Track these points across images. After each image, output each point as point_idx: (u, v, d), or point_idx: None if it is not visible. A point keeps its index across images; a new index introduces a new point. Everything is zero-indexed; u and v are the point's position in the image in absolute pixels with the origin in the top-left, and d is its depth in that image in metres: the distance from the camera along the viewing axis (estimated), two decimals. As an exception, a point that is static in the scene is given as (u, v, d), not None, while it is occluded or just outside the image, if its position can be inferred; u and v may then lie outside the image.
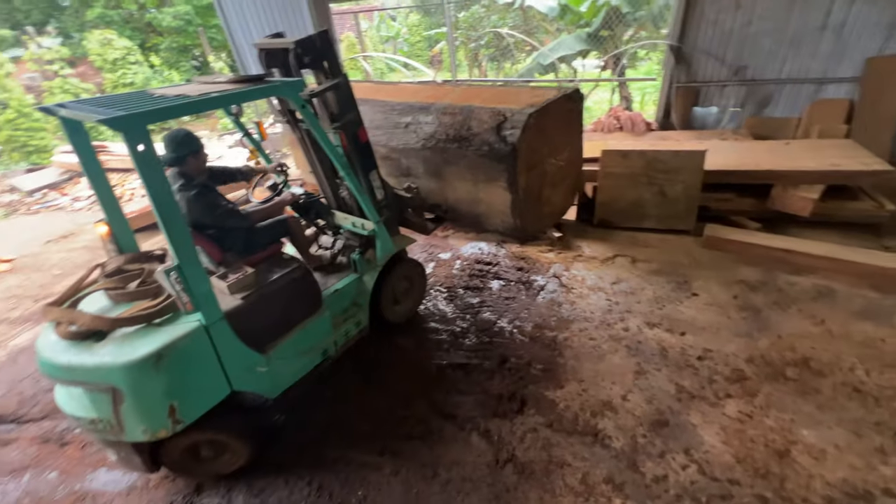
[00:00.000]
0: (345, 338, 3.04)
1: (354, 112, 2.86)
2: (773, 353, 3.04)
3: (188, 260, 2.06)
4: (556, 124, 3.16)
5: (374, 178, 3.06)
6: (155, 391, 2.08)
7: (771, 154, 4.56)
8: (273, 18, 7.10)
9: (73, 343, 2.10)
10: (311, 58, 2.69)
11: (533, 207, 3.20)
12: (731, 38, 5.51)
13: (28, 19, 15.17)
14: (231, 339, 2.30)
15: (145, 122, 1.89)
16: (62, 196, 7.43)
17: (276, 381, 2.62)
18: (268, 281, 2.55)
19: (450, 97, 3.47)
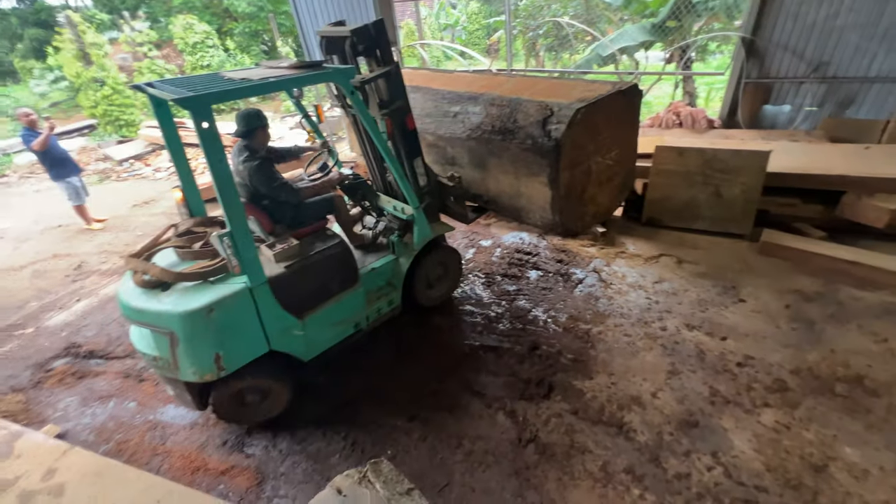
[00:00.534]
0: (377, 314, 3.20)
1: (403, 100, 2.96)
2: (823, 367, 2.89)
3: (239, 227, 2.30)
4: (608, 121, 3.04)
5: (418, 164, 3.16)
6: (204, 339, 2.36)
7: (846, 158, 4.22)
8: (339, 5, 7.40)
9: (145, 290, 2.43)
10: (365, 46, 2.81)
11: (574, 206, 3.13)
12: (813, 32, 5.08)
13: (123, 4, 16.71)
14: (272, 302, 2.53)
15: (209, 103, 2.13)
16: (146, 166, 8.26)
17: (310, 346, 2.83)
18: (310, 253, 2.74)
19: (501, 88, 3.42)
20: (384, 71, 2.83)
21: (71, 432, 2.97)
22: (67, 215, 6.51)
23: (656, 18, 7.40)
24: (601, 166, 3.20)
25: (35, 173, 8.66)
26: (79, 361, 3.62)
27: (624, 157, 3.34)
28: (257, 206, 2.81)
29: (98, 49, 9.91)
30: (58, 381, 3.43)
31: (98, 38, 10.10)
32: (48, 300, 4.50)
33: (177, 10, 14.70)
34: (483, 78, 4.05)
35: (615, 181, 3.36)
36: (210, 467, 2.65)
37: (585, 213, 3.28)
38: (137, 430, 2.95)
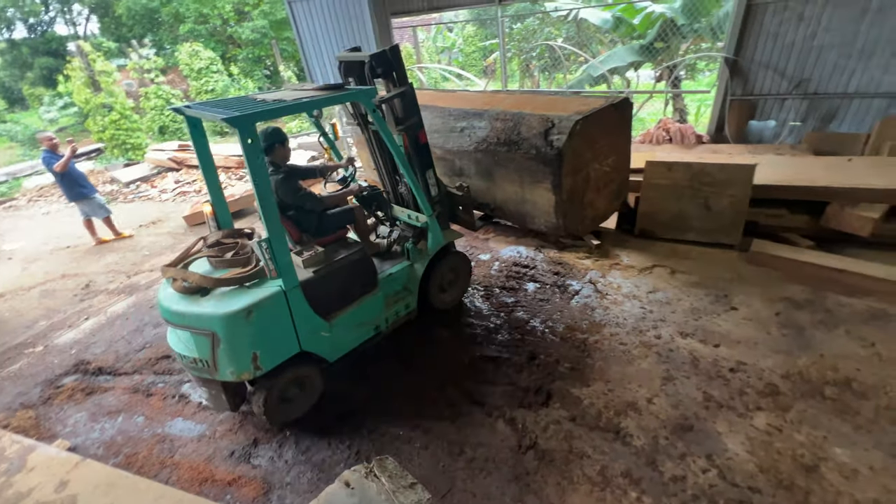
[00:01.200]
0: (395, 316, 3.39)
1: (417, 116, 3.22)
2: (813, 371, 2.98)
3: (276, 235, 2.51)
4: (603, 132, 3.28)
5: (429, 175, 3.40)
6: (243, 339, 2.53)
7: (829, 170, 4.38)
8: (340, 31, 7.72)
9: (185, 296, 2.61)
10: (383, 69, 3.09)
11: (576, 209, 3.36)
12: (793, 51, 5.32)
13: (131, 33, 17.29)
14: (303, 304, 2.72)
15: (254, 121, 2.36)
16: (152, 188, 8.46)
17: (336, 347, 3.02)
18: (334, 259, 2.96)
19: (504, 104, 3.68)
20: (400, 91, 3.09)
21: (81, 447, 3.03)
22: (76, 236, 6.67)
23: (644, 40, 7.71)
24: (599, 173, 3.43)
25: (44, 196, 8.86)
26: (87, 378, 3.70)
27: (619, 164, 3.57)
28: (284, 216, 3.01)
29: (107, 76, 10.26)
30: (67, 398, 3.50)
31: (107, 66, 10.46)
32: (57, 319, 4.60)
33: (183, 38, 15.21)
34: (486, 95, 4.32)
35: (611, 186, 3.60)
36: (217, 478, 2.71)
37: (585, 216, 3.51)
38: (146, 444, 3.02)
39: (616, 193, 3.68)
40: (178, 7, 15.71)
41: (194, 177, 8.75)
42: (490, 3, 7.22)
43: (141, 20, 17.22)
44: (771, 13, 5.30)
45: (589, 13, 8.23)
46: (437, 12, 8.03)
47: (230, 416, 3.15)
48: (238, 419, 3.11)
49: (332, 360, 3.05)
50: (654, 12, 7.31)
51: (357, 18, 7.47)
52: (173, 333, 2.81)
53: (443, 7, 7.80)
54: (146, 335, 4.15)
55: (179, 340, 2.73)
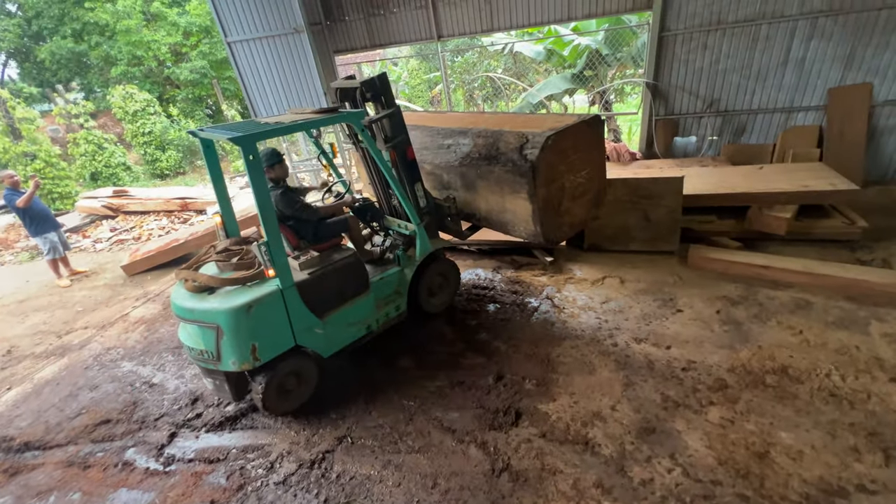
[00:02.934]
0: (385, 318, 3.63)
1: (404, 135, 3.55)
2: (754, 362, 3.21)
3: (274, 239, 2.83)
4: (576, 146, 3.52)
5: (418, 188, 3.73)
6: (244, 332, 2.84)
7: (746, 178, 4.87)
8: (283, 69, 7.74)
9: (195, 294, 2.96)
10: (372, 94, 3.44)
11: (553, 216, 3.56)
12: (702, 75, 5.97)
13: (55, 77, 16.35)
14: (298, 302, 3.02)
15: (256, 140, 2.73)
16: (84, 238, 7.86)
17: (329, 343, 3.29)
18: (328, 263, 3.27)
19: (486, 123, 4.00)
20: (388, 112, 3.43)
21: (4, 538, 2.66)
22: (-7, 298, 6.04)
23: (575, 69, 8.34)
24: (573, 183, 3.64)
25: None
26: (11, 456, 3.28)
27: (593, 175, 3.79)
28: (284, 225, 3.35)
29: (29, 123, 9.60)
30: (-14, 482, 3.08)
31: (29, 112, 9.81)
32: (-28, 392, 4.08)
33: (115, 81, 14.59)
34: (471, 115, 4.78)
35: (587, 196, 3.83)
36: (170, 551, 2.47)
37: (563, 223, 3.69)
38: (84, 524, 2.70)
39: (594, 201, 3.93)
40: (110, 50, 15.12)
41: (132, 223, 8.25)
42: (429, 40, 7.57)
43: (67, 64, 16.35)
44: (680, 42, 5.94)
45: (523, 46, 8.82)
46: (379, 48, 8.28)
47: (183, 478, 2.90)
48: (192, 482, 2.87)
49: (326, 356, 3.28)
50: (581, 45, 7.96)
51: (299, 57, 7.54)
52: (183, 329, 3.09)
53: (385, 43, 8.06)
54: (81, 400, 3.77)
55: (189, 335, 3.02)
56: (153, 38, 14.90)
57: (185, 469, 2.97)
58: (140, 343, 4.48)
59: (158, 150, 12.96)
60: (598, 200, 3.94)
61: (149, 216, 8.37)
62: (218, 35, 14.62)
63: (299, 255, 3.31)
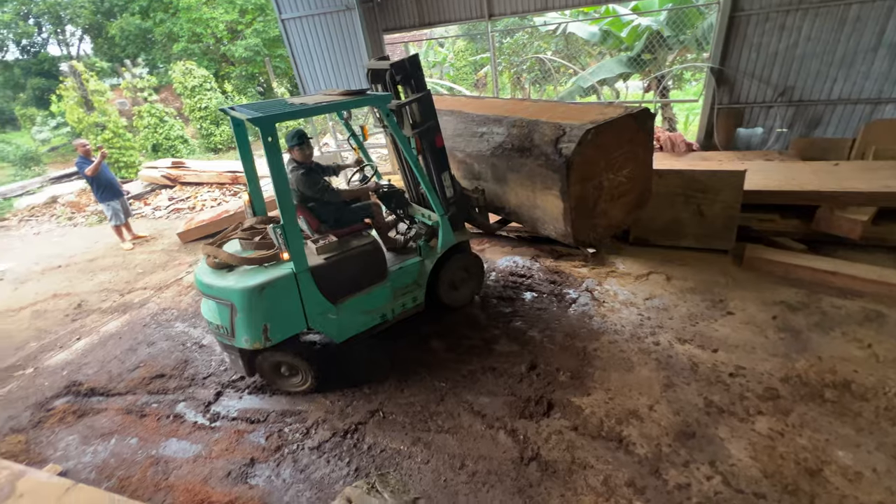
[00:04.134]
0: (402, 308, 3.57)
1: (434, 121, 3.38)
2: (812, 374, 2.99)
3: (290, 222, 2.82)
4: (619, 141, 3.26)
5: (445, 178, 3.56)
6: (256, 312, 2.88)
7: (817, 175, 4.46)
8: (333, 47, 7.82)
9: (215, 271, 3.02)
10: (402, 77, 3.28)
11: (586, 217, 3.34)
12: (776, 60, 5.46)
13: (123, 52, 17.39)
14: (312, 287, 3.02)
15: (274, 122, 2.68)
16: (145, 206, 8.42)
17: (342, 329, 3.29)
18: (346, 249, 3.23)
19: (524, 112, 3.75)
20: (417, 96, 3.28)
21: (72, 471, 2.95)
22: (67, 255, 6.61)
23: (632, 52, 7.88)
24: (613, 182, 3.40)
25: (35, 216, 8.78)
26: (79, 400, 3.63)
27: (637, 174, 3.51)
28: (305, 207, 3.32)
29: (100, 95, 10.28)
30: (58, 421, 3.42)
31: (100, 86, 10.49)
32: (48, 340, 4.52)
33: (176, 57, 15.32)
34: (510, 102, 4.37)
35: (628, 197, 3.55)
36: (214, 500, 2.65)
37: (597, 224, 3.47)
38: (139, 466, 2.94)
39: (636, 203, 3.66)
40: (172, 27, 15.85)
41: (188, 193, 8.73)
42: (480, 19, 7.37)
43: (134, 40, 17.33)
44: (753, 24, 5.45)
45: (577, 27, 8.41)
46: (428, 28, 8.16)
47: (226, 435, 3.09)
48: (234, 438, 3.05)
49: (339, 342, 3.29)
50: (641, 25, 7.49)
51: (350, 35, 7.57)
52: (205, 303, 3.16)
53: (434, 23, 7.93)
54: (140, 354, 4.08)
55: (209, 309, 3.09)
56: (212, 15, 15.46)
57: (229, 426, 3.16)
58: (192, 306, 4.77)
59: (213, 125, 13.56)
60: (640, 202, 3.65)
61: (203, 187, 8.83)
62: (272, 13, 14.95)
63: (318, 239, 3.23)
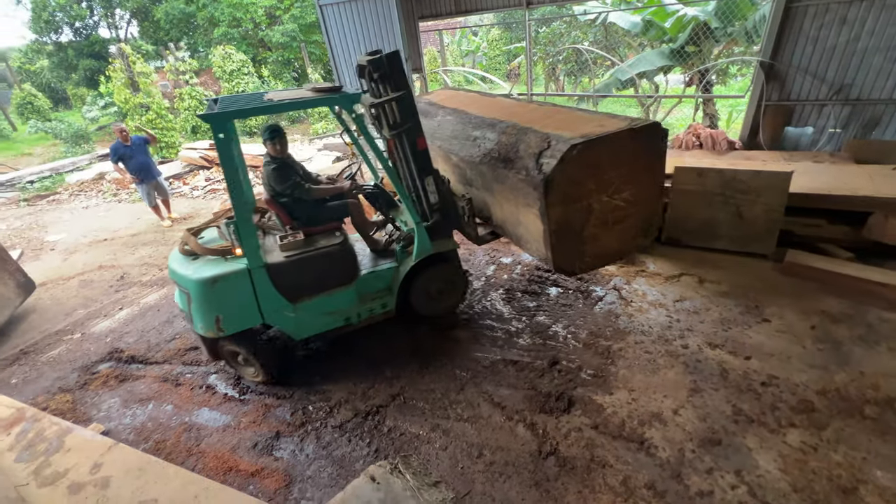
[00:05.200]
0: (369, 313, 3.43)
1: (414, 122, 3.11)
2: (852, 388, 2.84)
3: (243, 219, 2.81)
4: (616, 160, 2.76)
5: (429, 183, 3.29)
6: (209, 303, 2.93)
7: (872, 179, 4.19)
8: (368, 34, 7.84)
9: (183, 257, 3.09)
10: (380, 74, 3.02)
11: (570, 243, 2.88)
12: (834, 55, 5.12)
13: (168, 36, 17.98)
14: (267, 284, 2.99)
15: (227, 119, 2.65)
16: (184, 185, 8.76)
17: (301, 328, 3.24)
18: (311, 248, 3.13)
19: (521, 117, 3.36)
20: (394, 96, 3.02)
21: (113, 431, 3.16)
22: (112, 229, 6.98)
23: (675, 44, 7.55)
24: (607, 206, 2.90)
25: (84, 191, 9.29)
26: (121, 366, 3.85)
27: (640, 198, 2.95)
28: (277, 203, 3.26)
29: (145, 77, 10.69)
30: (102, 384, 3.65)
31: (145, 68, 10.90)
32: (94, 308, 4.81)
33: (216, 41, 15.73)
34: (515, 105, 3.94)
35: (628, 223, 3.02)
36: (241, 468, 2.78)
37: (584, 251, 2.98)
38: (174, 431, 3.11)
39: (639, 232, 3.14)
40: (213, 11, 16.26)
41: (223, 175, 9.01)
42: (517, 7, 7.22)
43: (178, 24, 17.89)
44: (811, 16, 5.11)
45: (617, 17, 8.11)
46: (463, 15, 8.06)
47: (254, 408, 3.22)
48: (262, 412, 3.18)
49: (298, 339, 3.28)
50: (687, 15, 7.15)
51: (386, 22, 7.57)
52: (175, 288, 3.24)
53: (470, 10, 7.83)
54: (176, 326, 4.29)
55: (178, 294, 3.19)
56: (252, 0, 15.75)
57: (257, 400, 3.29)
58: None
59: (249, 109, 13.89)
60: (646, 231, 3.11)
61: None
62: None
63: (286, 235, 3.16)
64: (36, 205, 8.80)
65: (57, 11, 17.44)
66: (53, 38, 18.30)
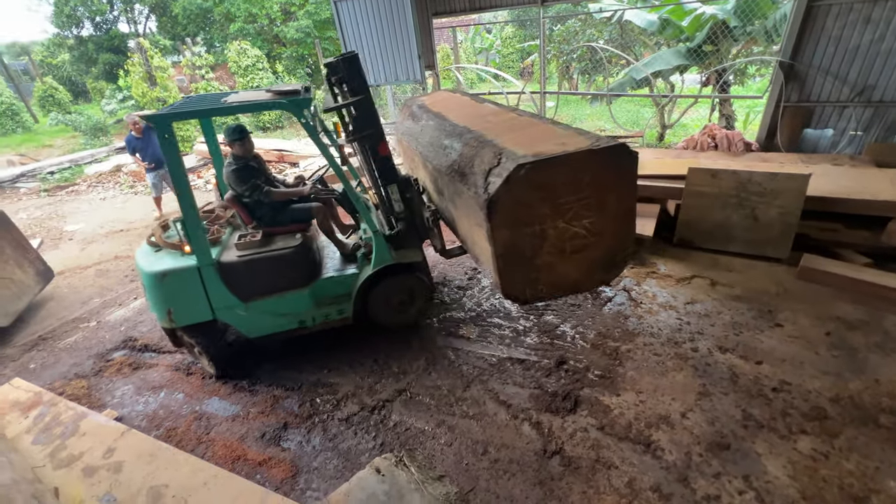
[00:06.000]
0: (324, 318, 3.40)
1: (375, 128, 3.04)
2: (866, 396, 2.79)
3: (190, 217, 2.88)
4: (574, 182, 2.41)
5: (393, 190, 3.22)
6: (160, 295, 3.05)
7: (894, 184, 4.08)
8: (383, 31, 7.85)
9: (148, 247, 3.22)
10: (338, 78, 2.97)
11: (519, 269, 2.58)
12: (857, 55, 4.99)
13: (185, 31, 18.22)
14: (216, 281, 3.05)
15: (170, 121, 2.71)
16: (198, 178, 8.88)
17: (253, 327, 3.27)
18: (266, 249, 3.15)
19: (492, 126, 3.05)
20: (350, 101, 2.94)
21: (126, 417, 3.23)
22: (128, 220, 7.11)
23: (692, 43, 7.43)
24: (565, 233, 2.55)
25: (102, 183, 9.48)
26: (134, 354, 3.94)
27: (605, 229, 2.58)
28: (239, 203, 3.31)
29: (163, 72, 10.86)
30: (116, 371, 3.74)
31: (163, 62, 11.08)
32: (109, 297, 4.91)
33: (232, 37, 15.88)
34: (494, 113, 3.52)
35: (589, 254, 2.64)
36: (249, 458, 2.82)
37: (538, 280, 2.64)
38: (184, 419, 3.18)
39: (606, 264, 2.70)
40: (230, 7, 16.41)
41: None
42: (532, 4, 7.16)
43: (195, 19, 18.10)
44: (834, 15, 4.99)
45: (634, 15, 8.00)
46: (478, 12, 8.04)
47: (263, 398, 3.27)
48: (270, 403, 3.23)
49: (251, 337, 3.30)
50: (705, 14, 7.02)
51: (400, 18, 7.57)
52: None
53: (485, 7, 7.79)
54: (188, 317, 4.36)
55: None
56: (267, -4, 15.87)
57: (266, 391, 3.34)
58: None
59: (263, 104, 14.02)
60: (609, 264, 2.69)
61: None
62: (324, -5, 15.17)
63: (245, 235, 3.20)
64: (55, 195, 9.01)
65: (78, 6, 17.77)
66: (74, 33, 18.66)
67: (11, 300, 4.49)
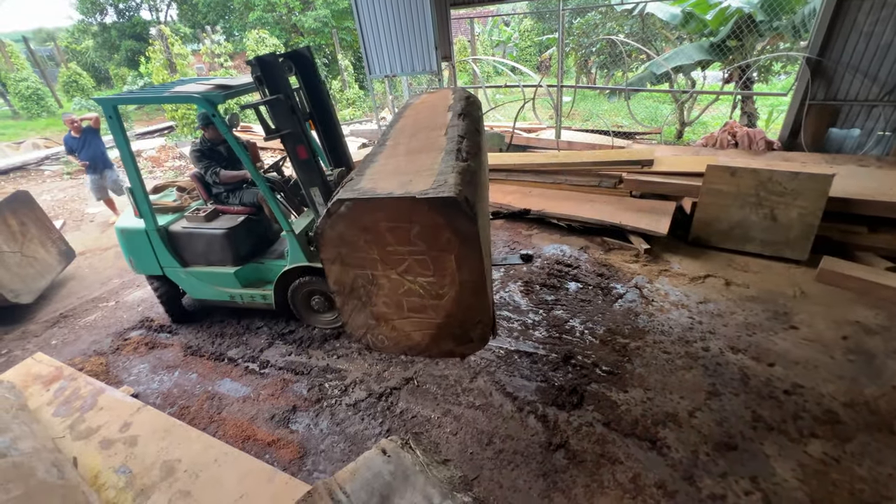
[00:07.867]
0: (251, 299, 3.77)
1: (295, 128, 2.94)
2: (882, 403, 2.72)
3: (137, 187, 3.41)
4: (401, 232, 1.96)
5: (315, 194, 3.14)
6: (124, 247, 3.78)
7: (922, 187, 3.95)
8: (400, 21, 7.82)
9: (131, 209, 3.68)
10: (256, 77, 2.89)
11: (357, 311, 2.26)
12: (889, 52, 4.81)
13: (205, 19, 18.39)
14: (161, 245, 3.62)
15: (113, 104, 3.22)
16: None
17: (193, 290, 3.85)
18: (203, 226, 3.61)
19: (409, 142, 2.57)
20: (264, 100, 2.91)
21: (142, 394, 3.33)
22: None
23: (715, 37, 7.25)
24: (398, 286, 2.15)
25: (120, 167, 9.66)
26: (151, 334, 4.04)
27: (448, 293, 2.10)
28: (200, 180, 3.79)
29: (183, 59, 11.00)
30: (132, 350, 3.85)
31: (183, 50, 11.22)
32: (127, 278, 5.04)
33: (251, 25, 15.98)
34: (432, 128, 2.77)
35: (430, 318, 2.21)
36: (258, 438, 2.89)
37: (378, 328, 2.29)
38: (197, 399, 3.26)
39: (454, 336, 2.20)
40: (249, -5, 16.49)
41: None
42: (552, -4, 7.03)
43: (215, 7, 18.24)
44: (865, 10, 4.81)
45: (656, 7, 7.82)
46: (496, 4, 7.93)
47: (273, 381, 3.33)
48: (280, 386, 3.29)
49: (195, 298, 3.91)
50: (730, 8, 6.83)
51: (418, 9, 7.52)
52: None
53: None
54: (203, 300, 4.45)
55: None
56: (286, -16, 15.90)
57: (276, 374, 3.41)
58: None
59: (279, 94, 14.11)
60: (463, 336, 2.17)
61: (266, 151, 9.30)
62: (342, -16, 15.14)
63: (198, 209, 3.73)
64: (78, 178, 9.22)
65: (102, -7, 18.06)
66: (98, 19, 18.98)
67: (35, 278, 4.65)
